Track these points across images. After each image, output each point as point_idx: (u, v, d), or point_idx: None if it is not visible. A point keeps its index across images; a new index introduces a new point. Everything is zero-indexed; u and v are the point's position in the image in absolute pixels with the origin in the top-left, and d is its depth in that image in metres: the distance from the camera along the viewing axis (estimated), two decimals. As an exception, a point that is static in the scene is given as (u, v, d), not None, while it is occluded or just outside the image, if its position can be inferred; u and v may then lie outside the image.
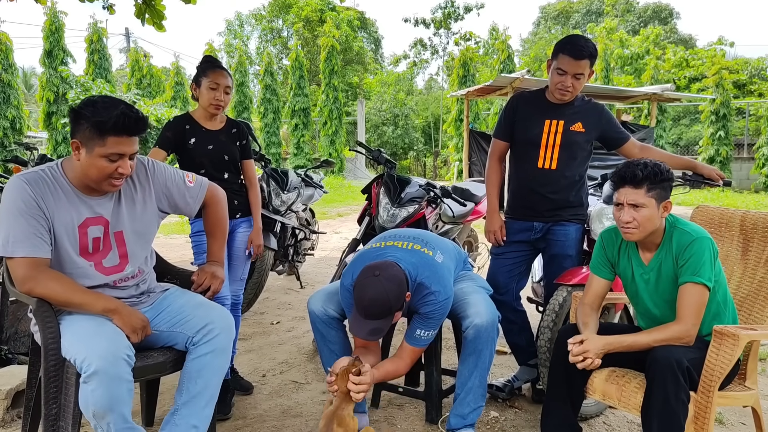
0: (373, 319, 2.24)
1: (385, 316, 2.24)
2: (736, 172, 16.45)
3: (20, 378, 2.70)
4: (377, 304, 2.21)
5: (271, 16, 33.88)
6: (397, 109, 24.76)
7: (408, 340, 2.44)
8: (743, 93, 20.21)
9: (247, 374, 3.28)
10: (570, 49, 2.70)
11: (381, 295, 2.20)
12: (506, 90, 8.80)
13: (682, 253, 2.12)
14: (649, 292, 2.26)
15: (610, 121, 2.92)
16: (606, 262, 2.38)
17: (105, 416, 1.84)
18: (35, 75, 27.41)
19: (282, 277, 5.95)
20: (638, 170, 2.11)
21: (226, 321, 2.16)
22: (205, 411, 2.09)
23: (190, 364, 2.10)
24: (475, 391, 2.51)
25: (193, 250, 3.04)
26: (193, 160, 2.94)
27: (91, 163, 1.94)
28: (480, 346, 2.47)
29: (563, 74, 2.73)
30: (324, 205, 12.53)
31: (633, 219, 2.14)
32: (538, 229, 2.94)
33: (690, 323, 2.08)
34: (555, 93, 2.81)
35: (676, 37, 30.79)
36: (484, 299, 2.53)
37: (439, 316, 2.41)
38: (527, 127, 2.89)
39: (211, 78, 2.90)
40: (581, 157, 2.90)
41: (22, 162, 5.44)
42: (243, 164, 3.14)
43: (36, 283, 1.92)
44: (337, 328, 2.61)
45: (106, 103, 1.93)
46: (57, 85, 16.31)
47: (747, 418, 2.76)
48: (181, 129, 2.95)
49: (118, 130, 1.91)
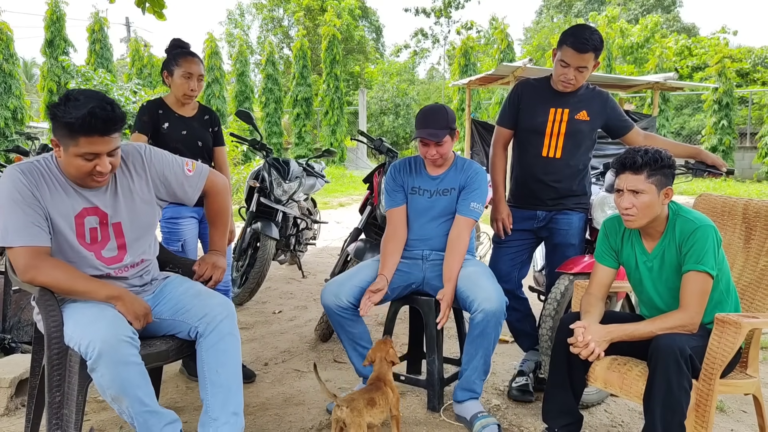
0: (431, 127, 2.65)
1: (441, 125, 2.64)
2: (738, 162, 16.38)
3: (24, 367, 2.72)
4: (435, 110, 2.69)
5: (271, 5, 33.70)
6: (398, 99, 24.66)
7: (464, 212, 2.73)
8: (746, 82, 20.08)
9: (249, 363, 3.29)
10: (573, 41, 2.67)
11: (442, 108, 2.71)
12: (508, 79, 8.75)
13: (686, 241, 2.12)
14: (652, 280, 2.26)
15: (614, 109, 2.92)
16: (610, 251, 2.38)
17: (121, 400, 1.86)
18: (36, 65, 27.33)
19: (284, 267, 5.95)
20: (638, 156, 2.12)
21: (226, 308, 2.15)
22: (238, 397, 2.07)
23: (206, 355, 2.07)
24: (480, 369, 2.62)
25: (163, 236, 3.00)
26: (168, 145, 2.89)
27: (69, 162, 1.92)
28: (488, 330, 2.53)
29: (566, 66, 2.72)
30: (325, 194, 12.52)
31: (632, 205, 2.14)
32: (541, 218, 2.94)
33: (693, 311, 2.08)
34: (558, 85, 2.81)
35: (679, 25, 30.59)
36: (494, 285, 2.59)
37: (484, 185, 2.76)
38: (532, 115, 2.87)
39: (184, 67, 2.89)
40: (585, 145, 2.90)
41: (24, 152, 5.44)
42: (215, 151, 3.17)
43: (38, 272, 1.92)
44: (353, 318, 2.69)
45: (78, 102, 1.85)
46: (58, 75, 16.30)
47: (748, 406, 2.77)
48: (155, 113, 2.97)
49: (87, 131, 1.85)
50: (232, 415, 2.04)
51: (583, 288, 2.50)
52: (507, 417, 2.71)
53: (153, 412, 1.91)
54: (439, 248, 2.77)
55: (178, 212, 3.01)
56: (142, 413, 1.89)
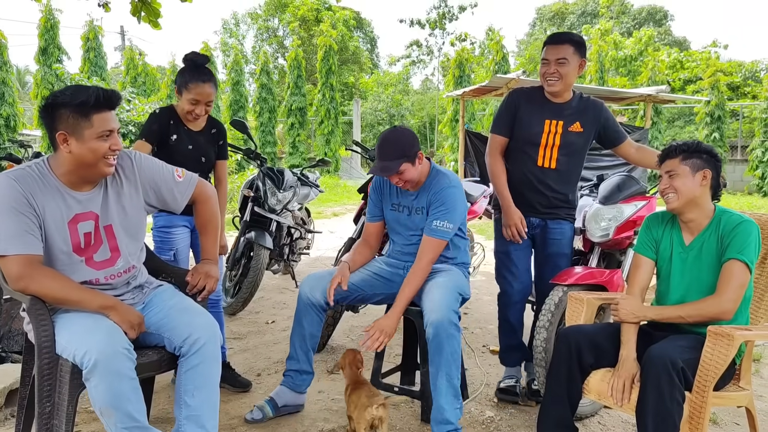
0: (384, 159, 2.55)
1: (396, 155, 2.54)
2: (730, 174, 16.50)
3: (14, 376, 2.69)
4: (389, 140, 2.58)
5: (266, 15, 33.83)
6: (393, 109, 24.77)
7: (427, 232, 2.63)
8: (737, 95, 20.29)
9: (242, 373, 3.26)
10: (549, 39, 2.85)
11: (394, 135, 2.60)
12: (502, 90, 8.79)
13: (729, 232, 2.16)
14: (683, 272, 2.27)
15: (608, 119, 2.95)
16: (651, 241, 2.39)
17: (110, 414, 1.82)
18: (30, 72, 27.29)
19: (277, 277, 5.93)
20: (674, 144, 2.28)
21: (211, 329, 2.10)
22: (212, 421, 2.05)
23: (185, 377, 2.05)
24: (446, 392, 2.44)
25: (155, 245, 2.97)
26: (171, 158, 2.87)
27: (86, 148, 1.93)
28: (442, 344, 2.44)
29: (547, 62, 2.81)
30: (319, 204, 12.51)
31: (669, 185, 2.23)
32: (534, 225, 2.96)
33: (727, 298, 2.09)
34: (544, 85, 2.86)
35: (671, 39, 30.88)
36: (442, 295, 2.51)
37: (451, 202, 2.62)
38: (528, 125, 2.90)
39: (193, 94, 2.81)
40: (579, 156, 2.94)
41: (16, 159, 5.42)
42: (217, 164, 3.14)
43: (30, 281, 1.90)
44: (314, 314, 2.74)
45: (76, 87, 1.95)
46: (52, 83, 16.26)
47: (741, 419, 2.77)
48: (166, 122, 2.91)
49: (100, 105, 1.92)
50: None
51: (576, 299, 2.51)
52: (501, 429, 2.70)
53: (142, 428, 1.88)
54: None
55: (171, 221, 2.99)
56: (131, 428, 1.85)
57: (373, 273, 2.85)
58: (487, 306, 4.82)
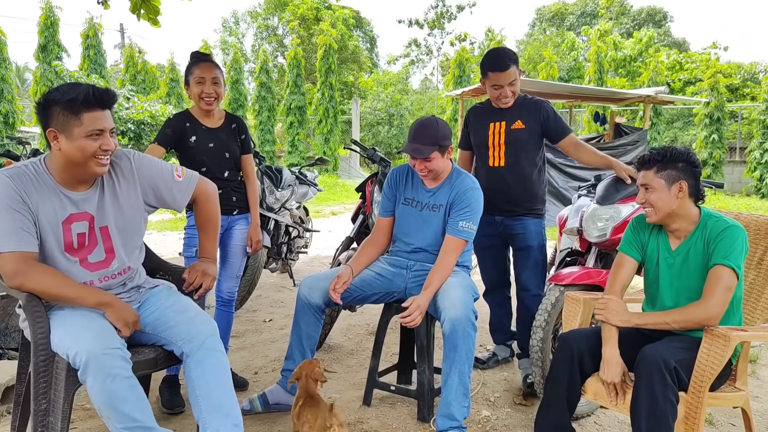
0: (417, 142, 2.60)
1: (429, 140, 2.60)
2: (728, 175, 16.50)
3: (10, 374, 2.69)
4: (425, 125, 2.65)
5: (266, 14, 33.79)
6: (392, 109, 24.75)
7: (452, 232, 2.67)
8: (736, 97, 20.30)
9: (239, 371, 3.27)
10: (493, 65, 3.00)
11: (433, 122, 2.66)
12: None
13: (715, 237, 2.13)
14: (670, 276, 2.25)
15: (549, 115, 3.12)
16: (637, 242, 2.37)
17: (109, 414, 1.80)
18: (29, 70, 27.26)
19: (275, 275, 5.93)
20: (648, 153, 2.22)
21: (208, 324, 2.10)
22: (235, 409, 2.02)
23: (195, 374, 2.01)
24: (457, 389, 2.49)
25: (185, 241, 3.00)
26: (194, 159, 2.90)
27: (74, 146, 1.91)
28: (458, 342, 2.47)
29: (499, 88, 3.01)
30: (318, 203, 12.51)
31: (645, 200, 2.21)
32: (498, 222, 3.21)
33: (714, 302, 2.05)
34: (498, 105, 3.10)
35: (670, 40, 30.90)
36: (462, 295, 2.55)
37: (476, 204, 2.70)
38: (477, 132, 3.21)
39: (196, 74, 2.85)
40: (528, 152, 3.13)
41: (15, 156, 5.41)
42: (242, 159, 3.11)
43: (26, 278, 1.90)
44: (312, 316, 2.76)
45: (71, 85, 1.93)
46: (51, 80, 16.21)
47: (737, 420, 2.77)
48: (182, 126, 2.90)
49: (90, 104, 1.90)
50: (233, 427, 1.99)
51: (573, 299, 2.51)
52: (497, 428, 2.70)
53: (143, 428, 1.84)
54: (424, 260, 2.78)
55: None
56: (131, 428, 1.81)
57: (375, 273, 2.84)
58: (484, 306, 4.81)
